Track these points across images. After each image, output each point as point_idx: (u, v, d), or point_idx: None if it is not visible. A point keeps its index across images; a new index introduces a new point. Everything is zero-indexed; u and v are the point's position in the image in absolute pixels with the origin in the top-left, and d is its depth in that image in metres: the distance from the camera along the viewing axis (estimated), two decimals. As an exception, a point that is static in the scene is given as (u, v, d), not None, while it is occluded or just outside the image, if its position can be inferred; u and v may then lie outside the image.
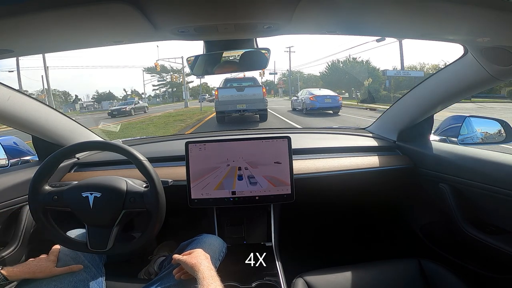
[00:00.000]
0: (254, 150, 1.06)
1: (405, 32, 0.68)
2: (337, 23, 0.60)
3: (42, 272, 0.70)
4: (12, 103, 0.88)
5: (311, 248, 1.40)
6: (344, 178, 1.15)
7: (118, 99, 38.57)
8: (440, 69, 0.97)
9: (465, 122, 1.10)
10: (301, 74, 40.63)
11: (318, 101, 10.29)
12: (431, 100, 1.07)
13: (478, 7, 0.46)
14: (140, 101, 25.17)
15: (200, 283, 0.62)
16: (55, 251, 0.77)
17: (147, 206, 0.73)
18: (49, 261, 0.73)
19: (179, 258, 0.72)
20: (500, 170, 0.85)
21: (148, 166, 0.74)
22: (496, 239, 0.87)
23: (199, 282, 0.62)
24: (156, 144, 1.43)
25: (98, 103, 38.53)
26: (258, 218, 1.16)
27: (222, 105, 7.82)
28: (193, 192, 1.05)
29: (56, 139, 1.11)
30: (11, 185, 0.93)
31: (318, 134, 1.47)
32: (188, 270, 0.69)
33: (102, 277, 0.82)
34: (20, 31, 0.50)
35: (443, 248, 1.13)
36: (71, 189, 0.74)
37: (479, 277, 0.96)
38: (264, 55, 0.78)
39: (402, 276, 0.88)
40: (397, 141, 1.28)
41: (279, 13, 0.53)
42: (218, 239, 0.94)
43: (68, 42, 0.63)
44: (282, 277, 0.91)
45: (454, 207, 0.99)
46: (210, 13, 0.52)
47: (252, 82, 8.54)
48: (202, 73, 0.85)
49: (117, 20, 0.50)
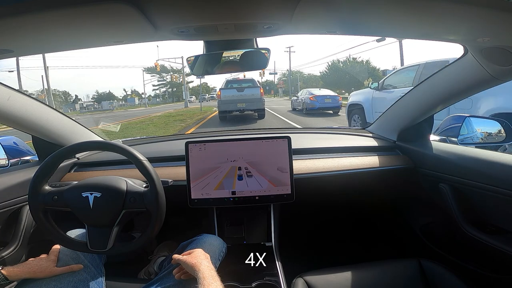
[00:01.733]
0: (254, 150, 1.06)
1: (405, 32, 0.68)
2: (337, 23, 0.60)
3: (42, 272, 0.70)
4: (12, 103, 0.88)
5: (311, 248, 1.40)
6: (344, 178, 1.15)
7: (118, 99, 38.63)
8: (440, 69, 0.97)
9: (465, 122, 1.10)
10: (301, 74, 40.71)
11: (318, 101, 10.21)
12: (431, 100, 1.07)
13: (478, 7, 0.46)
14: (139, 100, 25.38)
15: (200, 283, 0.62)
16: (55, 251, 0.77)
17: (147, 206, 0.73)
18: (49, 261, 0.73)
19: (179, 258, 0.72)
20: (500, 170, 0.85)
21: (148, 166, 0.74)
22: (496, 239, 0.87)
23: (199, 282, 0.62)
24: (156, 144, 1.43)
25: (98, 103, 38.61)
26: (258, 218, 1.16)
27: (224, 104, 8.79)
28: (193, 192, 1.05)
29: (56, 139, 1.11)
30: (11, 185, 0.93)
31: (318, 134, 1.47)
32: (188, 270, 0.69)
33: (102, 277, 0.82)
34: (20, 31, 0.50)
35: (443, 248, 1.13)
36: (71, 189, 0.74)
37: (479, 277, 0.96)
38: (264, 55, 0.78)
39: (402, 276, 0.88)
40: (397, 141, 1.28)
41: (279, 13, 0.53)
42: (218, 239, 0.94)
43: (68, 42, 0.63)
44: (282, 277, 0.91)
45: (454, 207, 0.99)
46: (210, 13, 0.52)
47: (251, 83, 9.38)
48: (202, 73, 0.85)
49: (117, 20, 0.50)
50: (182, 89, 24.43)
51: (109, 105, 34.05)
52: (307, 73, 42.42)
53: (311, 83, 34.82)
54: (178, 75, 31.64)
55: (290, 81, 33.76)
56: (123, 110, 28.89)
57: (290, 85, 32.47)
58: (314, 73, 44.99)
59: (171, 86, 44.53)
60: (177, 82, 38.19)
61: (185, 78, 24.95)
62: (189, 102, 23.41)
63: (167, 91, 46.70)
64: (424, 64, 4.24)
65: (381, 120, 1.42)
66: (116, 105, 30.80)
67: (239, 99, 8.54)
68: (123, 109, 30.18)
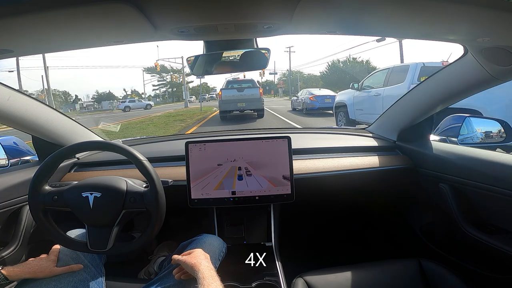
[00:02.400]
0: (254, 150, 1.06)
1: (405, 32, 0.68)
2: (337, 23, 0.60)
3: (42, 271, 0.70)
4: (12, 103, 0.88)
5: (311, 248, 1.40)
6: (344, 178, 1.15)
7: (118, 99, 38.63)
8: (440, 69, 0.97)
9: (465, 122, 1.10)
10: (301, 74, 40.68)
11: (318, 101, 10.15)
12: (431, 100, 1.07)
13: (478, 7, 0.46)
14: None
15: (200, 283, 0.62)
16: (55, 251, 0.77)
17: (147, 206, 0.73)
18: (49, 261, 0.73)
19: (179, 259, 0.72)
20: (500, 170, 0.85)
21: (147, 166, 0.74)
22: (496, 239, 0.87)
23: (199, 282, 0.62)
24: (156, 144, 1.43)
25: (98, 103, 38.63)
26: (258, 218, 1.16)
27: (225, 103, 9.18)
28: (193, 192, 1.05)
29: (56, 139, 1.11)
30: (11, 185, 0.93)
31: (318, 134, 1.47)
32: (188, 270, 0.69)
33: (102, 277, 0.82)
34: (20, 31, 0.50)
35: (443, 248, 1.13)
36: (71, 189, 0.74)
37: (479, 277, 0.96)
38: (264, 55, 0.78)
39: (402, 276, 0.88)
40: (397, 141, 1.28)
41: (279, 13, 0.53)
42: (218, 239, 0.94)
43: (68, 42, 0.63)
44: (282, 277, 0.91)
45: (454, 207, 0.99)
46: (210, 13, 0.52)
47: (251, 84, 9.78)
48: (202, 73, 0.84)
49: (117, 20, 0.50)
50: (182, 89, 24.48)
51: (109, 105, 34.09)
52: (307, 73, 42.43)
53: (311, 83, 34.78)
54: (178, 75, 31.64)
55: (290, 81, 33.76)
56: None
57: (290, 85, 32.46)
58: (314, 73, 45.06)
59: (171, 86, 44.50)
60: (177, 82, 38.18)
61: (185, 78, 24.97)
62: (189, 102, 23.91)
63: (167, 91, 46.71)
64: (392, 68, 5.00)
65: (381, 120, 1.42)
66: (116, 105, 30.96)
67: (239, 99, 8.89)
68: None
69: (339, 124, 6.32)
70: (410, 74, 4.44)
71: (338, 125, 6.30)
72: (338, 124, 6.37)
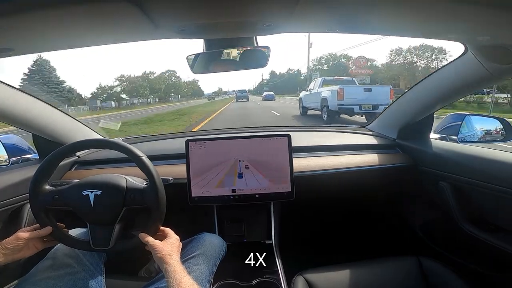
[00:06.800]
0: (254, 148, 1.06)
1: (405, 30, 0.68)
2: (337, 22, 0.60)
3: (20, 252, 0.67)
4: (13, 101, 0.88)
5: (311, 246, 1.41)
6: (344, 176, 1.16)
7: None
8: (440, 67, 0.97)
9: (465, 120, 1.09)
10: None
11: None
12: (431, 98, 1.07)
13: (478, 6, 0.46)
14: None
15: (171, 276, 0.61)
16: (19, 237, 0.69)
17: (147, 202, 0.73)
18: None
19: (149, 242, 0.69)
20: (500, 168, 0.86)
21: (147, 162, 0.74)
22: (496, 237, 0.87)
23: (169, 276, 0.61)
24: (157, 142, 1.43)
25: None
26: (258, 216, 1.16)
27: (237, 96, 28.52)
28: (194, 190, 1.05)
29: (56, 137, 1.11)
30: (12, 183, 0.94)
31: (317, 132, 1.47)
32: (155, 257, 0.67)
33: (102, 276, 0.82)
34: (20, 29, 0.50)
35: (443, 246, 1.13)
36: (71, 187, 0.74)
37: (478, 275, 0.97)
38: (264, 54, 0.78)
39: (402, 274, 0.89)
40: (397, 139, 1.28)
41: (280, 11, 0.53)
42: (219, 238, 0.94)
43: (68, 41, 0.63)
44: (282, 275, 0.92)
45: (453, 205, 0.99)
46: (211, 11, 0.52)
47: (245, 92, 31.34)
48: (202, 71, 0.84)
49: (117, 18, 0.50)
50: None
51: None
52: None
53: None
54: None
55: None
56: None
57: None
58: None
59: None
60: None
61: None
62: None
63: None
64: (315, 80, 9.83)
65: (381, 118, 1.42)
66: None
67: (239, 96, 29.06)
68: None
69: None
70: (318, 83, 9.12)
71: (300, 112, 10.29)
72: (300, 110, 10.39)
